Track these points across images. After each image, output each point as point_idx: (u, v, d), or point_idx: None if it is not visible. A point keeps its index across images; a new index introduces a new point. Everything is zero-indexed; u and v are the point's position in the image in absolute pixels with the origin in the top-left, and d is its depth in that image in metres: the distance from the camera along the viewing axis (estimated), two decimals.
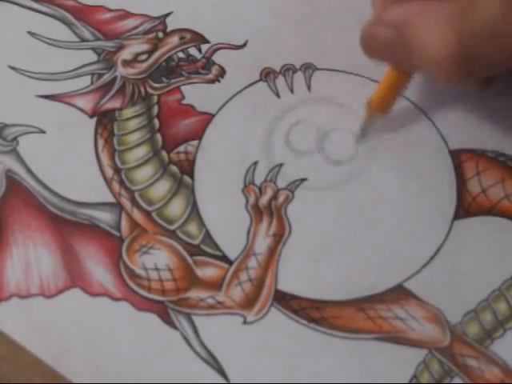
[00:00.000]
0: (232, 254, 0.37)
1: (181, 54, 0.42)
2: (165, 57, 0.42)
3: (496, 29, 0.32)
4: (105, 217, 0.38)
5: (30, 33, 0.43)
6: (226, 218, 0.38)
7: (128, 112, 0.40)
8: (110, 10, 0.43)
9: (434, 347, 0.35)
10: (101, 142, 0.39)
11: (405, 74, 0.37)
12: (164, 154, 0.39)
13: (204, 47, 0.42)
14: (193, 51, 0.42)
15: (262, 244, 0.37)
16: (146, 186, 0.38)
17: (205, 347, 0.35)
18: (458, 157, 0.39)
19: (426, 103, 0.40)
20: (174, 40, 0.42)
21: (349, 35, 0.42)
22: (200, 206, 0.38)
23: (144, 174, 0.39)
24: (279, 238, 0.37)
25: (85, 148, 0.39)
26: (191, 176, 0.39)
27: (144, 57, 0.42)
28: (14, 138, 0.40)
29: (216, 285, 0.36)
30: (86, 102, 0.41)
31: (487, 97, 0.40)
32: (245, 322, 0.35)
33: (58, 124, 0.40)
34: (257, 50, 0.42)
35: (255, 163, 0.39)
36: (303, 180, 0.39)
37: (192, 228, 0.37)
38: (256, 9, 0.43)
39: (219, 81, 0.41)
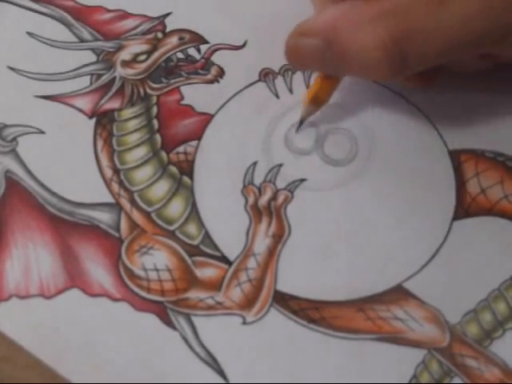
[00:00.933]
0: (231, 255, 0.37)
1: (180, 55, 0.42)
2: (164, 57, 0.42)
3: (431, 25, 0.32)
4: (104, 217, 0.38)
5: (28, 33, 0.43)
6: (225, 218, 0.38)
7: (127, 112, 0.40)
8: (109, 11, 0.43)
9: (434, 347, 0.35)
10: (100, 143, 0.39)
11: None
12: (163, 154, 0.39)
13: (203, 47, 0.42)
14: (192, 51, 0.42)
15: (261, 244, 0.37)
16: (146, 186, 0.38)
17: (204, 348, 0.35)
18: (457, 157, 0.39)
19: (425, 104, 0.40)
20: (173, 40, 0.42)
21: None
22: (199, 206, 0.38)
23: (143, 174, 0.39)
24: (278, 238, 0.37)
25: (84, 148, 0.39)
26: (190, 176, 0.39)
27: (143, 57, 0.42)
28: (14, 139, 0.40)
29: (215, 285, 0.36)
30: (85, 103, 0.41)
31: (486, 97, 0.40)
32: (244, 323, 0.35)
33: (57, 124, 0.40)
34: (256, 50, 0.42)
35: (254, 163, 0.39)
36: (302, 180, 0.39)
37: (191, 228, 0.37)
38: (255, 9, 0.43)
39: (218, 81, 0.41)
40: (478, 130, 0.39)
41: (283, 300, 0.36)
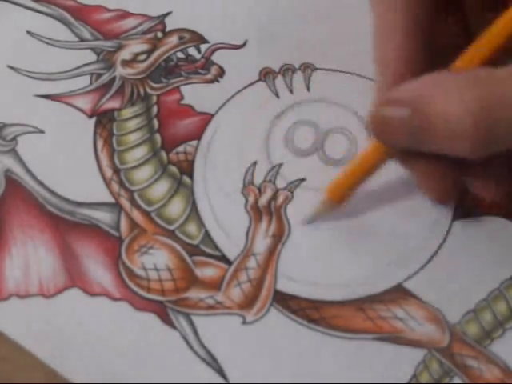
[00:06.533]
0: (231, 254, 0.37)
1: (180, 54, 0.42)
2: (164, 57, 0.42)
3: None
4: (104, 217, 0.38)
5: (29, 32, 0.43)
6: (225, 218, 0.38)
7: (127, 112, 0.40)
8: (109, 10, 0.43)
9: (434, 347, 0.35)
10: (100, 142, 0.39)
11: (381, 159, 0.36)
12: (163, 154, 0.39)
13: (203, 47, 0.42)
14: (192, 51, 0.42)
15: (261, 244, 0.37)
16: (146, 186, 0.38)
17: (204, 347, 0.35)
18: None
19: None
20: (173, 40, 0.42)
21: (348, 35, 0.42)
22: (199, 206, 0.38)
23: (143, 174, 0.39)
24: (278, 238, 0.37)
25: (84, 148, 0.39)
26: (190, 176, 0.39)
27: (143, 57, 0.42)
28: (13, 138, 0.40)
29: (215, 285, 0.36)
30: (85, 102, 0.41)
31: None
32: (244, 322, 0.35)
33: (57, 124, 0.40)
34: (256, 49, 0.42)
35: (254, 163, 0.39)
36: (302, 180, 0.39)
37: (191, 228, 0.37)
38: (255, 9, 0.43)
39: (218, 81, 0.41)
40: None
41: (283, 300, 0.36)
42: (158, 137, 0.40)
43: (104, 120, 0.40)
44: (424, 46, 0.34)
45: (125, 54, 0.42)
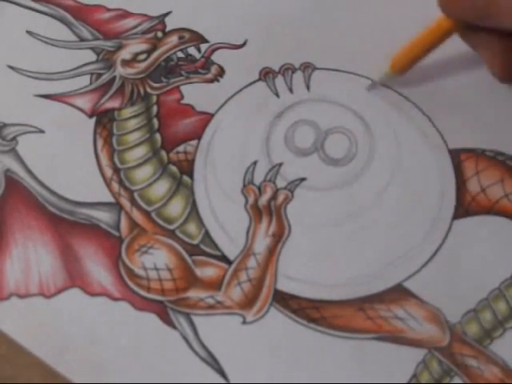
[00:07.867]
0: (231, 254, 0.37)
1: (180, 54, 0.42)
2: (164, 56, 0.42)
3: None
4: (104, 217, 0.38)
5: (29, 32, 0.43)
6: (225, 217, 0.38)
7: (127, 112, 0.40)
8: (109, 10, 0.43)
9: (434, 347, 0.35)
10: (100, 142, 0.39)
11: (447, 33, 0.37)
12: (163, 153, 0.39)
13: (203, 47, 0.42)
14: (192, 51, 0.42)
15: (261, 244, 0.37)
16: (146, 185, 0.38)
17: (204, 347, 0.35)
18: (457, 156, 0.39)
19: (425, 103, 0.40)
20: (173, 40, 0.42)
21: (348, 35, 0.42)
22: (199, 205, 0.38)
23: (143, 173, 0.39)
24: (278, 237, 0.37)
25: (84, 148, 0.39)
26: (190, 176, 0.39)
27: (143, 56, 0.42)
28: (14, 138, 0.40)
29: (215, 285, 0.36)
30: (85, 102, 0.41)
31: (487, 96, 0.40)
32: (244, 322, 0.35)
33: (56, 124, 0.40)
34: (256, 49, 0.42)
35: (254, 163, 0.39)
36: (302, 180, 0.39)
37: (191, 228, 0.37)
38: (255, 8, 0.43)
39: (218, 80, 0.41)
40: (478, 129, 0.39)
41: (283, 299, 0.36)
42: (157, 136, 0.40)
43: (104, 120, 0.40)
44: None
45: (125, 54, 0.42)
